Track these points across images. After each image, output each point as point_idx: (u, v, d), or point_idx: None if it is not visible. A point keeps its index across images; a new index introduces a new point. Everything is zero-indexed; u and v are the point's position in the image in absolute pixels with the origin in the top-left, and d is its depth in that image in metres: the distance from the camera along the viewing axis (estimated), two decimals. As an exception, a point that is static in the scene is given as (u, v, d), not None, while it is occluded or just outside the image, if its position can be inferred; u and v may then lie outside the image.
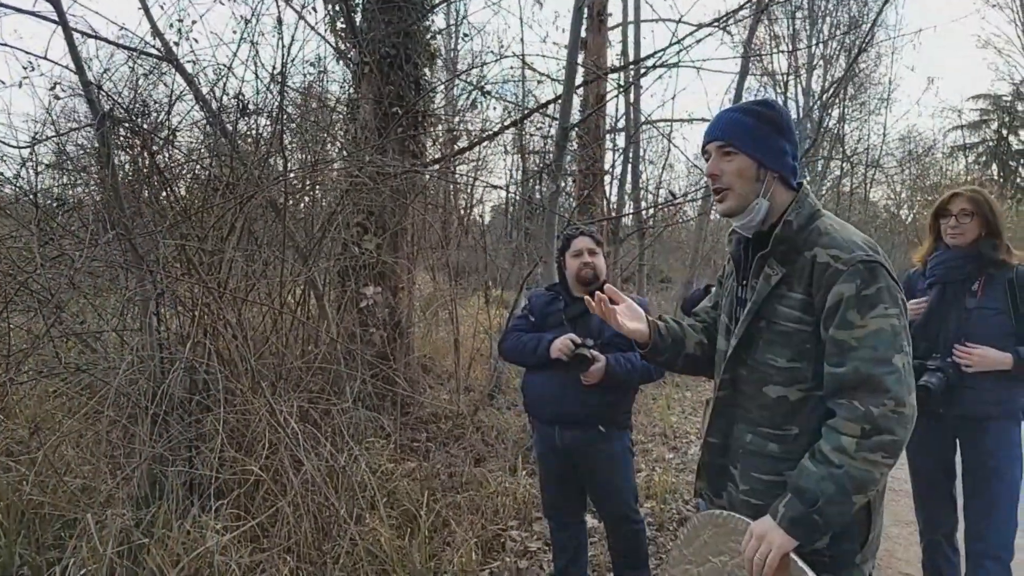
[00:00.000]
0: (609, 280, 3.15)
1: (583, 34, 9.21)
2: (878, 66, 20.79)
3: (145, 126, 4.16)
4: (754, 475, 1.65)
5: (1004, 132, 34.66)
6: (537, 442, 3.13)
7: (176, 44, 4.09)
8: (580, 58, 9.23)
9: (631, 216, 9.18)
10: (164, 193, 4.09)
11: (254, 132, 4.40)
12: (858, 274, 1.48)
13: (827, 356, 1.52)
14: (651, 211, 9.74)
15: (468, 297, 9.26)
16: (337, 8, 5.82)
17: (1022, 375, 2.55)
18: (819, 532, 1.47)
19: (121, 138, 3.80)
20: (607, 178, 9.21)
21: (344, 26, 5.98)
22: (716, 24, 6.88)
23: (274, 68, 4.55)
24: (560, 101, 4.98)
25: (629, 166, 9.52)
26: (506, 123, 6.78)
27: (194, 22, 4.08)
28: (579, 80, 7.16)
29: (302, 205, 4.61)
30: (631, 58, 9.44)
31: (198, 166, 4.17)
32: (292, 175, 3.96)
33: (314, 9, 5.90)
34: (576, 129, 9.23)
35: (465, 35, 12.73)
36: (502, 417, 5.55)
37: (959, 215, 2.67)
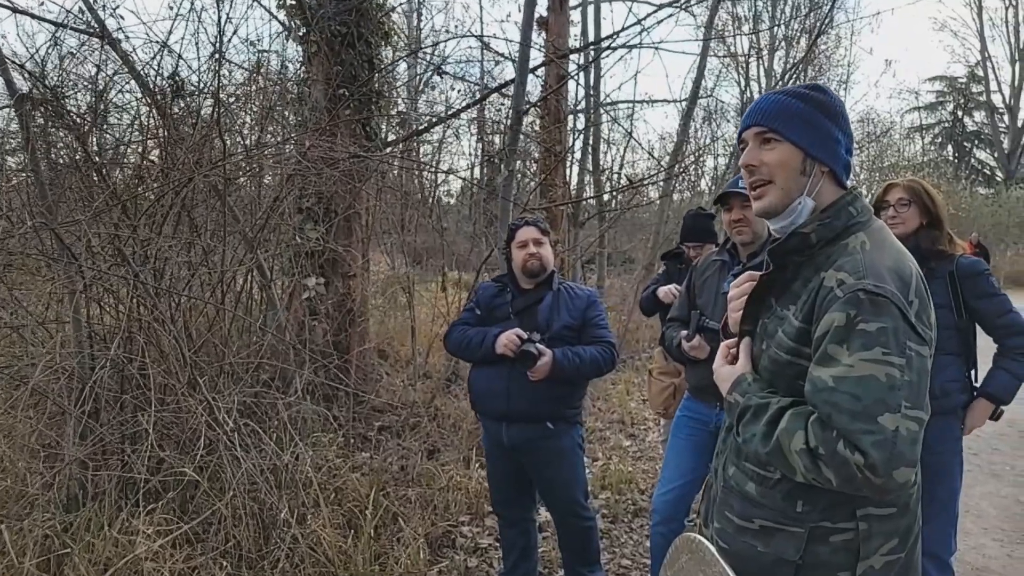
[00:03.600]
0: (568, 265, 3.06)
1: (544, 14, 9.05)
2: (838, 47, 20.97)
3: (72, 107, 3.93)
4: (727, 514, 1.48)
5: (959, 113, 35.45)
6: (484, 438, 3.04)
7: (112, 20, 3.84)
8: (541, 39, 9.10)
9: (592, 199, 9.09)
10: (95, 178, 3.86)
11: (193, 114, 4.17)
12: (854, 304, 1.23)
13: (805, 394, 1.30)
14: (611, 194, 9.64)
15: (428, 281, 9.12)
16: (285, -18, 5.58)
17: (1004, 404, 2.58)
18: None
19: (40, 119, 3.56)
20: (568, 160, 9.11)
21: (293, 2, 5.74)
22: (677, 4, 6.80)
23: (219, 46, 4.33)
24: (514, 83, 4.84)
25: (589, 148, 9.41)
26: (462, 105, 6.60)
27: (124, -4, 3.82)
28: (538, 61, 7.03)
29: (243, 192, 4.40)
30: (591, 38, 9.28)
31: (130, 150, 3.96)
32: (230, 159, 3.76)
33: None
34: (537, 111, 9.11)
35: (418, 12, 12.44)
36: (459, 405, 5.44)
37: (896, 204, 2.64)
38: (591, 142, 9.39)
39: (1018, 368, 2.57)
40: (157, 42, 3.99)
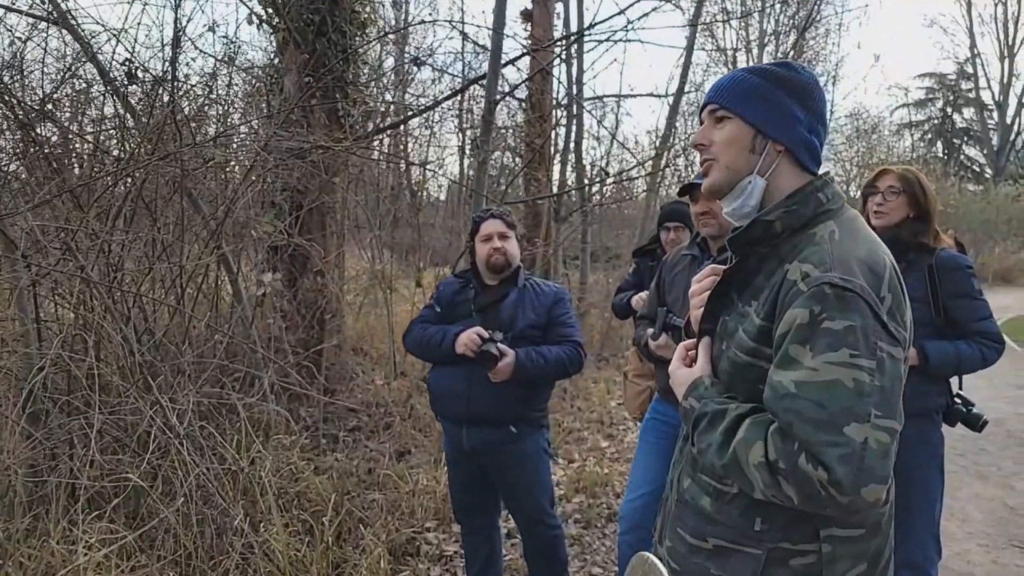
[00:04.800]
0: (550, 260, 2.91)
1: (529, 6, 8.91)
2: (826, 43, 20.88)
3: (24, 95, 3.76)
4: (680, 531, 1.36)
5: (949, 110, 35.54)
6: (445, 442, 2.89)
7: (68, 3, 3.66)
8: (527, 31, 8.95)
9: (574, 193, 8.95)
10: (45, 168, 3.70)
11: (150, 102, 4.00)
12: (819, 299, 1.10)
13: (764, 400, 1.18)
14: (598, 185, 9.49)
15: (411, 278, 8.94)
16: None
17: (927, 371, 2.35)
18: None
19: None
20: (552, 154, 8.97)
21: (263, -12, 5.57)
22: (660, -5, 6.66)
23: (176, 31, 4.17)
24: (487, 74, 4.69)
25: (572, 142, 9.27)
26: (440, 97, 6.45)
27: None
28: (517, 53, 6.88)
29: (205, 185, 4.23)
30: (573, 30, 9.16)
31: (80, 141, 3.79)
32: (187, 149, 3.59)
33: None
34: (521, 105, 8.95)
35: (395, 2, 12.30)
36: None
37: (886, 192, 2.49)
38: (573, 136, 9.24)
39: (968, 351, 2.36)
40: (113, 30, 3.83)
